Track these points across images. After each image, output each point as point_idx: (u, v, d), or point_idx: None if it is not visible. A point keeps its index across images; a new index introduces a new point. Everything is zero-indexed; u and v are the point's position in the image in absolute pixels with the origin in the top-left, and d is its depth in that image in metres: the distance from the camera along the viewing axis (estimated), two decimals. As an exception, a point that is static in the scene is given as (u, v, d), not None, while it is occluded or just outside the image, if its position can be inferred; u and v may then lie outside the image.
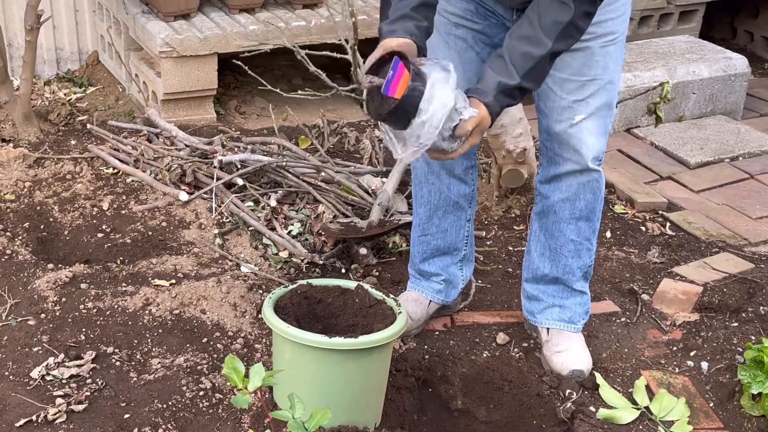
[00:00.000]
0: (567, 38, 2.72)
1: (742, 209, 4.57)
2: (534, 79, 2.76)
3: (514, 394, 3.24)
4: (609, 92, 3.08)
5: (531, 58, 2.71)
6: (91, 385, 3.13)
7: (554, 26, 2.69)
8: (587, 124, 3.07)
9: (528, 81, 2.73)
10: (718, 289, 3.85)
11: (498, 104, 2.72)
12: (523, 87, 2.73)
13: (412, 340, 3.46)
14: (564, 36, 2.70)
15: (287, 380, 2.82)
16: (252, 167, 4.33)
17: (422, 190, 3.41)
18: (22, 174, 4.46)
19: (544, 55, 2.70)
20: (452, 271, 3.52)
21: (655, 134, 5.19)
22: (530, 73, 2.72)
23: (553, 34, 2.69)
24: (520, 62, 2.71)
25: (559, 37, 2.69)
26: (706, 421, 3.17)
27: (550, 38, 2.69)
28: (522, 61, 2.71)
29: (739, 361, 3.37)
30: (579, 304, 3.40)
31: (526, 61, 2.71)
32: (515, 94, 2.74)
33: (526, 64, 2.71)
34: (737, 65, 5.50)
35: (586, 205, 3.22)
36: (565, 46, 2.74)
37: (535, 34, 2.71)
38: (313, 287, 3.12)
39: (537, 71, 2.74)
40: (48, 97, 5.46)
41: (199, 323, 3.45)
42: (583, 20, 2.72)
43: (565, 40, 2.72)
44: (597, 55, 3.00)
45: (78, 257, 3.94)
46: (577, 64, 3.01)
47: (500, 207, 4.38)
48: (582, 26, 2.73)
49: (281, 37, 5.13)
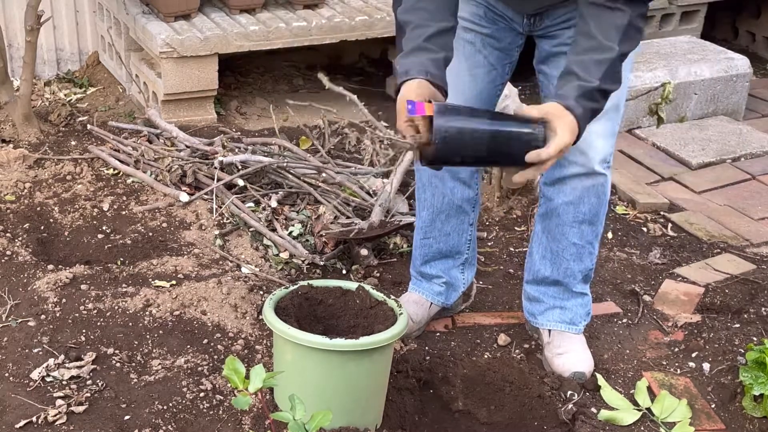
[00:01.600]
0: (629, 40, 2.68)
1: (743, 210, 4.56)
2: (612, 81, 2.69)
3: (516, 395, 3.23)
4: (617, 94, 3.06)
5: (603, 63, 2.65)
6: (92, 386, 3.12)
7: (614, 31, 2.65)
8: (595, 127, 3.05)
9: (607, 83, 2.67)
10: (719, 290, 3.84)
11: (581, 107, 2.65)
12: (603, 89, 2.67)
13: (413, 341, 3.45)
14: (626, 38, 2.66)
15: (288, 381, 2.81)
16: (253, 168, 4.33)
17: (425, 193, 3.40)
18: (22, 175, 4.45)
19: (614, 57, 2.65)
20: (454, 274, 3.51)
21: (656, 135, 5.19)
22: (607, 76, 2.66)
23: (616, 39, 2.65)
24: (594, 69, 2.66)
25: (622, 40, 2.65)
26: (708, 422, 3.16)
27: (614, 42, 2.65)
28: (596, 68, 2.66)
29: (740, 362, 3.37)
30: (580, 306, 3.39)
31: (600, 66, 2.65)
32: (596, 97, 2.67)
33: (600, 69, 2.65)
34: (739, 66, 5.49)
35: (590, 208, 3.21)
36: (629, 48, 2.69)
37: (599, 43, 2.67)
38: (313, 288, 3.12)
39: (612, 74, 2.67)
40: (48, 97, 5.45)
41: (199, 324, 3.44)
42: (640, 20, 2.68)
43: (629, 42, 2.68)
44: None
45: (78, 258, 3.94)
46: None
47: (501, 208, 4.38)
48: (641, 26, 2.69)
49: (282, 38, 5.14)
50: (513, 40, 3.14)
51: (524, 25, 3.07)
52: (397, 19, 2.83)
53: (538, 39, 3.11)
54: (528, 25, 3.06)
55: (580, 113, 2.64)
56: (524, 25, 3.07)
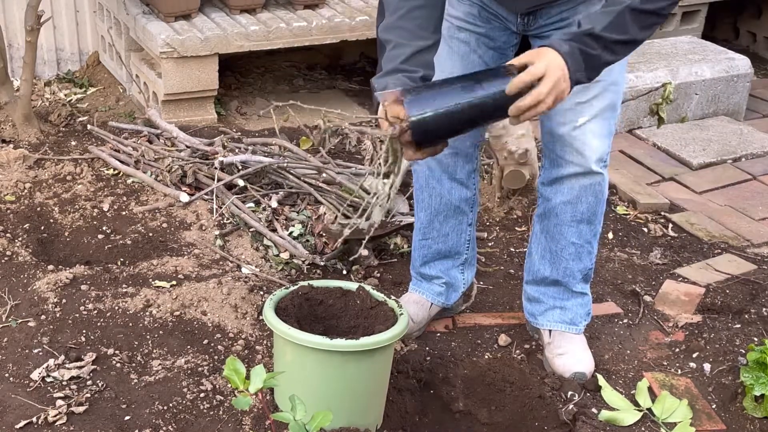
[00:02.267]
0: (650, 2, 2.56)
1: (744, 210, 4.56)
2: (616, 31, 2.55)
3: (516, 395, 3.23)
4: (613, 94, 3.06)
5: (609, 13, 2.54)
6: (92, 386, 3.12)
7: None
8: (591, 126, 3.06)
9: (608, 31, 2.54)
10: (720, 291, 3.84)
11: (567, 45, 2.54)
12: (602, 36, 2.55)
13: (413, 342, 3.45)
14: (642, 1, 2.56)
15: (288, 382, 2.81)
16: (253, 168, 4.32)
17: (423, 194, 3.40)
18: (22, 175, 4.45)
19: (622, 9, 2.54)
20: (453, 274, 3.51)
21: (657, 135, 5.18)
22: (611, 25, 2.54)
23: None
24: (599, 18, 2.55)
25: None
26: (709, 422, 3.16)
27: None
28: (601, 17, 2.55)
29: (741, 362, 3.37)
30: (580, 306, 3.39)
31: (606, 16, 2.55)
32: (590, 42, 2.55)
33: (605, 18, 2.54)
34: (740, 66, 5.49)
35: (588, 208, 3.20)
36: (648, 7, 2.55)
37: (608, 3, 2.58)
38: (314, 289, 3.12)
39: (617, 23, 2.55)
40: (48, 98, 5.45)
41: (199, 325, 3.44)
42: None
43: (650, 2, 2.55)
44: None
45: (78, 258, 3.93)
46: None
47: (502, 208, 4.38)
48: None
49: (282, 38, 5.13)
50: (508, 40, 3.14)
51: (518, 24, 3.06)
52: (378, 37, 2.81)
53: (532, 39, 3.10)
54: (522, 24, 3.05)
55: (566, 50, 2.54)
56: (518, 24, 3.06)
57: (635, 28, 2.59)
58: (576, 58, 2.55)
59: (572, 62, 2.54)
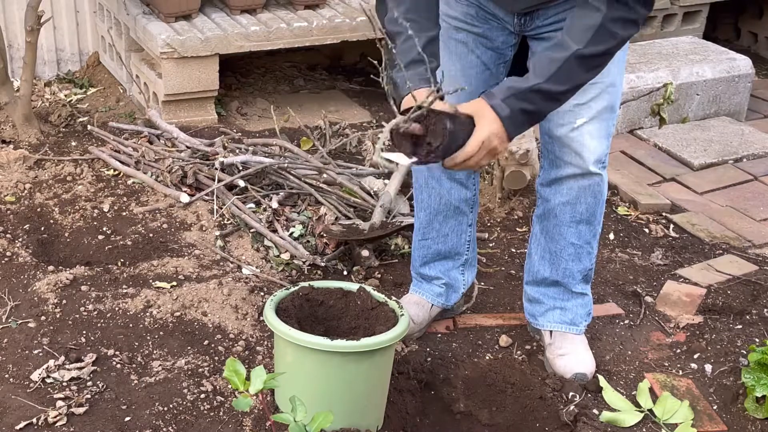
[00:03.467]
0: (599, 43, 2.60)
1: (745, 211, 4.56)
2: (561, 82, 2.62)
3: (517, 396, 3.22)
4: (611, 95, 3.06)
5: (555, 61, 2.61)
6: (92, 387, 3.12)
7: (584, 31, 2.60)
8: (589, 128, 3.05)
9: (553, 83, 2.61)
10: (721, 291, 3.83)
11: (508, 108, 2.60)
12: (544, 90, 2.61)
13: (414, 343, 3.44)
14: (594, 41, 2.59)
15: (289, 383, 2.80)
16: (253, 169, 4.32)
17: (422, 194, 3.40)
18: (22, 176, 4.45)
19: (568, 56, 2.59)
20: (453, 275, 3.50)
21: (658, 136, 5.18)
22: (555, 76, 2.60)
23: (582, 39, 2.59)
24: (545, 67, 2.62)
25: (589, 42, 2.59)
26: (710, 423, 3.15)
27: (576, 42, 2.59)
28: (547, 65, 2.62)
29: (743, 363, 3.36)
30: (580, 306, 3.38)
31: (552, 65, 2.61)
32: (532, 98, 2.62)
33: (551, 67, 2.61)
34: (741, 66, 5.48)
35: (586, 208, 3.20)
36: (596, 50, 2.62)
37: (561, 39, 2.63)
38: (314, 289, 3.11)
39: (564, 73, 2.61)
40: (48, 98, 5.45)
41: (200, 325, 3.43)
42: (617, 25, 2.60)
43: (597, 44, 2.60)
44: None
45: (78, 259, 3.93)
46: None
47: (503, 209, 4.37)
48: (617, 32, 2.61)
49: (283, 38, 5.13)
50: (506, 40, 3.13)
51: (515, 24, 3.05)
52: (386, 29, 2.81)
53: (530, 40, 3.09)
54: (519, 24, 3.05)
55: (506, 114, 2.60)
56: (515, 24, 3.05)
57: (581, 73, 2.66)
58: (516, 119, 2.63)
59: (512, 126, 2.62)
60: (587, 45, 2.60)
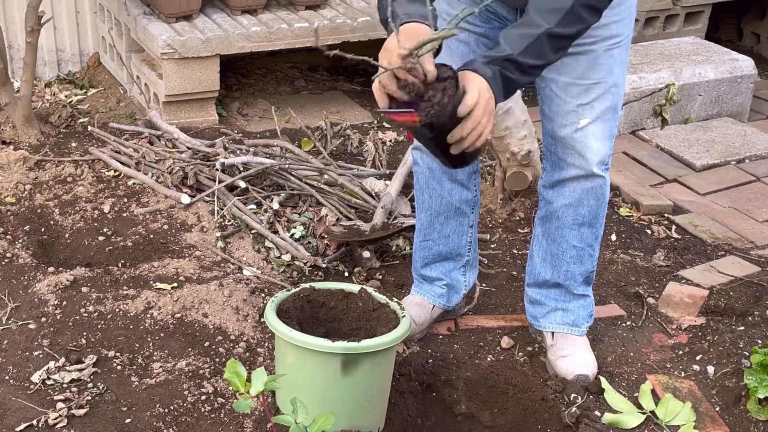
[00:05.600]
0: (568, 25, 2.63)
1: (748, 212, 4.55)
2: (534, 56, 2.63)
3: (519, 398, 3.22)
4: (614, 96, 3.05)
5: (527, 36, 2.62)
6: (92, 389, 3.11)
7: (554, 12, 2.61)
8: (592, 129, 3.05)
9: (526, 56, 2.62)
10: (724, 293, 3.83)
11: (489, 70, 2.59)
12: (520, 62, 2.62)
13: (415, 344, 3.44)
14: (565, 23, 2.62)
15: (290, 384, 2.80)
16: (254, 170, 4.31)
17: (423, 195, 3.39)
18: (22, 177, 4.44)
19: (540, 33, 2.61)
20: (455, 276, 3.50)
21: (660, 136, 5.17)
22: (528, 50, 2.61)
23: (552, 20, 2.61)
24: (517, 42, 2.62)
25: (560, 23, 2.61)
26: (712, 425, 3.15)
27: (547, 21, 2.61)
28: (519, 40, 2.62)
29: (745, 365, 3.36)
30: (582, 307, 3.37)
31: (523, 40, 2.62)
32: (509, 67, 2.62)
33: (522, 42, 2.62)
34: (743, 67, 5.47)
35: (589, 211, 3.19)
36: (566, 32, 2.64)
37: (531, 18, 2.64)
38: (315, 291, 3.11)
39: (535, 48, 2.62)
40: (49, 99, 5.44)
41: (200, 327, 3.43)
42: (585, 10, 2.63)
43: (567, 26, 2.63)
44: (601, 58, 2.98)
45: (79, 260, 3.92)
46: (582, 67, 2.98)
47: (504, 210, 4.36)
48: (585, 17, 2.65)
49: (284, 39, 5.12)
50: None
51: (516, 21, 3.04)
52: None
53: None
54: None
55: (489, 75, 2.59)
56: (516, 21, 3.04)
57: (549, 52, 2.67)
58: (497, 81, 2.61)
59: (495, 86, 2.60)
60: (557, 25, 2.62)
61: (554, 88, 3.03)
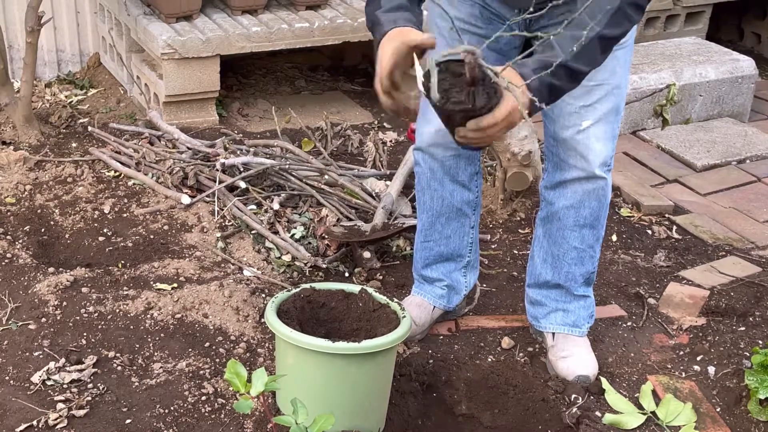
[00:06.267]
0: (616, 26, 2.57)
1: (749, 212, 4.55)
2: (584, 62, 2.56)
3: (519, 398, 3.21)
4: (616, 97, 3.04)
5: (578, 38, 2.50)
6: (93, 389, 3.11)
7: (601, 13, 2.55)
8: (594, 130, 3.04)
9: (577, 62, 2.54)
10: (725, 293, 3.82)
11: (537, 79, 2.48)
12: (571, 67, 2.54)
13: (416, 345, 3.44)
14: (612, 23, 2.56)
15: (290, 385, 2.80)
16: (255, 170, 4.31)
17: (424, 196, 3.39)
18: (22, 177, 4.44)
19: (592, 36, 2.53)
20: (455, 277, 3.49)
21: (661, 137, 5.17)
22: (580, 54, 2.52)
23: (602, 21, 2.55)
24: (568, 43, 2.52)
25: (608, 24, 2.55)
26: (713, 426, 3.14)
27: (597, 23, 2.55)
28: (570, 42, 2.51)
29: (746, 365, 3.36)
30: (583, 308, 3.37)
31: (574, 41, 2.51)
32: (560, 73, 2.52)
33: (573, 44, 2.50)
34: (744, 67, 5.47)
35: (590, 213, 3.19)
36: (612, 33, 2.58)
37: (581, 20, 2.54)
38: (316, 291, 3.10)
39: (586, 53, 2.54)
40: (49, 99, 5.44)
41: (201, 327, 3.42)
42: (632, 9, 2.58)
43: (615, 27, 2.57)
44: None
45: (79, 261, 3.92)
46: None
47: (505, 210, 4.36)
48: (632, 15, 2.59)
49: (284, 39, 5.12)
50: (510, 41, 3.11)
51: (521, 23, 3.03)
52: None
53: (534, 41, 3.07)
54: (525, 23, 3.03)
55: (535, 85, 2.49)
56: (521, 23, 3.03)
57: (598, 55, 2.60)
58: (542, 93, 2.50)
59: (538, 96, 2.47)
60: (606, 26, 2.56)
61: None
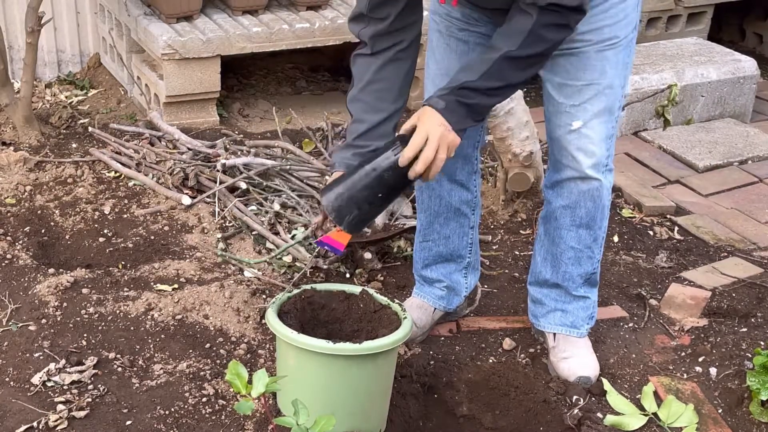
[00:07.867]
0: (531, 46, 2.66)
1: (750, 213, 4.54)
2: (494, 79, 2.68)
3: (521, 400, 3.21)
4: (608, 97, 3.02)
5: (486, 62, 2.68)
6: (93, 391, 3.11)
7: (516, 35, 2.65)
8: (586, 131, 3.03)
9: (486, 80, 2.67)
10: (726, 294, 3.82)
11: (443, 101, 2.68)
12: (479, 87, 2.67)
13: (417, 346, 3.43)
14: (528, 44, 2.65)
15: (291, 386, 2.79)
16: (255, 171, 4.31)
17: (423, 195, 3.38)
18: (22, 178, 4.43)
19: (497, 58, 2.66)
20: (455, 278, 3.49)
21: (663, 137, 5.16)
22: (487, 74, 2.67)
23: (515, 42, 2.65)
24: (477, 67, 2.69)
25: (522, 45, 2.65)
26: (715, 427, 3.14)
27: (507, 45, 2.66)
28: (478, 66, 2.69)
29: (748, 366, 3.35)
30: (581, 309, 3.36)
31: (483, 65, 2.68)
32: (468, 94, 2.68)
33: (482, 68, 2.68)
34: (746, 68, 5.46)
35: (586, 213, 3.18)
36: (529, 52, 2.67)
37: (493, 41, 2.71)
38: (317, 292, 3.10)
39: (494, 72, 2.67)
40: (49, 99, 5.44)
41: (201, 329, 3.42)
42: (549, 30, 2.65)
43: (529, 48, 2.66)
44: (593, 59, 2.95)
45: (79, 262, 3.92)
46: (572, 68, 2.97)
47: (506, 211, 4.35)
48: (548, 36, 2.66)
49: (285, 39, 5.11)
50: None
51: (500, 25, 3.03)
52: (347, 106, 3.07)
53: None
54: None
55: (443, 107, 2.68)
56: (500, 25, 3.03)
57: (512, 73, 2.72)
58: (455, 110, 2.70)
59: (451, 115, 2.69)
60: (519, 47, 2.66)
61: (549, 88, 3.04)
